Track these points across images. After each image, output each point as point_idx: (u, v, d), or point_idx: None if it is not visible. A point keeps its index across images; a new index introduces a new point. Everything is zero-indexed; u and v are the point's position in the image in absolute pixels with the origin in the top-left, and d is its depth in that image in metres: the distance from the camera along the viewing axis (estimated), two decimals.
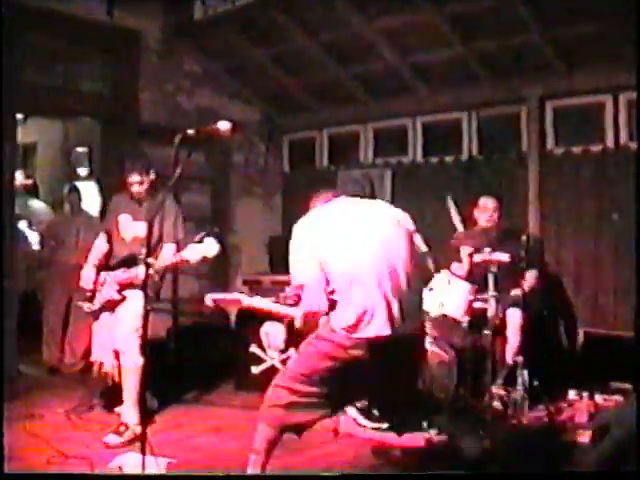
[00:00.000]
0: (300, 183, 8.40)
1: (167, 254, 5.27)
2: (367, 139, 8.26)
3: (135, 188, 5.49)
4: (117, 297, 5.38)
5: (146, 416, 4.76)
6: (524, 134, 7.03)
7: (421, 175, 7.79)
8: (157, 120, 7.63)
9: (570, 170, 6.75)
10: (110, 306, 5.43)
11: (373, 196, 4.29)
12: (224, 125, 3.80)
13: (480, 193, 6.51)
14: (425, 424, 5.26)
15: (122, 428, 5.12)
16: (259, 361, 6.63)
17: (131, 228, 5.55)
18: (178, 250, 5.16)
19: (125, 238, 5.56)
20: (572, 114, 6.81)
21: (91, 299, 5.52)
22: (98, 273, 5.55)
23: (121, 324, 5.32)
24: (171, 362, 6.60)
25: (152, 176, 5.51)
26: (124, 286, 5.36)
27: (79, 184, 8.09)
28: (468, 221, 6.41)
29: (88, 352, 5.71)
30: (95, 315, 5.55)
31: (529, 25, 6.17)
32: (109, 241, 5.66)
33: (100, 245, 5.71)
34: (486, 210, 6.29)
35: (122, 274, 5.37)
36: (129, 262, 5.36)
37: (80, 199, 7.70)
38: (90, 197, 8.49)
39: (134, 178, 5.47)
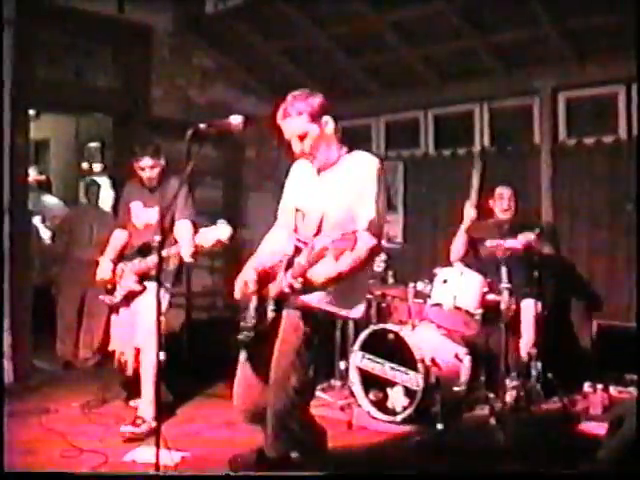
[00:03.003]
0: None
1: (186, 234, 5.22)
2: (379, 131, 8.25)
3: (147, 173, 5.46)
4: (137, 288, 5.37)
5: (162, 411, 4.76)
6: (536, 126, 7.01)
7: (433, 167, 7.77)
8: (169, 115, 7.64)
9: (583, 161, 6.73)
10: (130, 297, 5.43)
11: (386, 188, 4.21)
12: (236, 119, 3.79)
13: (493, 185, 6.51)
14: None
15: (139, 421, 5.12)
16: None
17: (144, 215, 5.53)
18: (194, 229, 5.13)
19: (138, 226, 5.56)
20: (585, 105, 6.78)
21: (111, 292, 5.50)
22: (115, 265, 5.52)
23: (141, 319, 5.29)
24: (185, 356, 6.60)
25: (162, 161, 5.48)
26: (142, 275, 5.35)
27: (96, 179, 8.15)
28: (483, 212, 6.41)
29: (103, 347, 5.71)
30: (116, 308, 5.54)
31: (541, 16, 6.14)
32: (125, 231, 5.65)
33: (119, 236, 5.68)
34: (502, 199, 6.29)
35: (139, 263, 5.36)
36: (144, 251, 5.34)
37: (99, 194, 7.75)
38: (103, 192, 8.52)
39: (146, 162, 5.42)
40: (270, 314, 3.74)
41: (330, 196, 3.76)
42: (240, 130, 3.82)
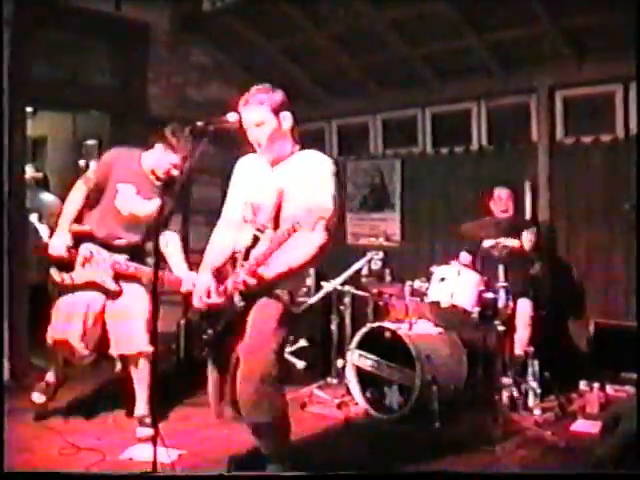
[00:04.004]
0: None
1: (174, 251, 5.11)
2: (377, 130, 8.23)
3: (173, 172, 5.01)
4: (114, 288, 5.07)
5: (158, 409, 4.76)
6: (534, 124, 7.00)
7: (431, 165, 7.77)
8: (166, 112, 7.63)
9: (580, 160, 6.72)
10: (90, 287, 5.09)
11: (383, 186, 4.33)
12: (233, 117, 3.81)
13: (490, 183, 6.52)
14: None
15: (147, 420, 5.03)
16: None
17: (133, 203, 5.09)
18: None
19: (121, 211, 5.09)
20: (582, 104, 6.77)
21: (65, 269, 5.08)
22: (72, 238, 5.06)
23: (129, 318, 5.08)
24: (182, 354, 6.60)
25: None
26: (121, 276, 5.06)
27: None
28: (481, 212, 6.42)
29: (100, 345, 5.68)
30: (69, 290, 5.12)
31: (539, 15, 6.14)
32: (92, 199, 5.12)
33: (77, 200, 5.12)
34: (500, 200, 6.32)
35: (126, 264, 5.06)
36: (134, 251, 5.12)
37: None
38: None
39: (173, 160, 4.99)
40: (239, 306, 3.76)
41: (285, 190, 3.83)
42: (237, 127, 3.82)
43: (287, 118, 3.94)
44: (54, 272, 5.15)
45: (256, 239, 3.80)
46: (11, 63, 6.49)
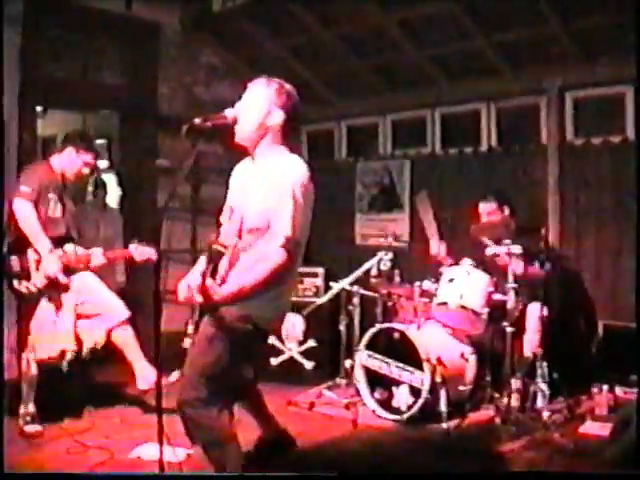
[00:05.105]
0: (318, 175, 8.35)
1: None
2: (386, 130, 8.23)
3: (84, 170, 5.62)
4: (64, 280, 5.28)
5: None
6: (543, 125, 6.98)
7: (440, 166, 7.75)
8: (175, 112, 7.64)
9: (590, 161, 6.70)
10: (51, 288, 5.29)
11: (392, 187, 4.22)
12: (231, 113, 3.75)
13: (499, 184, 6.51)
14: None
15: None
16: (278, 353, 6.65)
17: (57, 211, 5.44)
18: None
19: (53, 217, 5.40)
20: (592, 105, 6.76)
21: (24, 278, 5.24)
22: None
23: (92, 293, 5.43)
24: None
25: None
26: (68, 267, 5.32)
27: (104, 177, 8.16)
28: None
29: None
30: (35, 298, 5.32)
31: (548, 15, 6.12)
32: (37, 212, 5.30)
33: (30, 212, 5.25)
34: (483, 214, 6.31)
35: (71, 255, 5.35)
36: (63, 242, 5.39)
37: (105, 191, 7.76)
38: (110, 189, 8.53)
39: (86, 158, 5.58)
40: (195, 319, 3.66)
41: (250, 193, 3.67)
42: (236, 124, 3.76)
43: (276, 115, 3.72)
44: (17, 284, 5.25)
45: (219, 254, 3.60)
46: (21, 62, 6.51)
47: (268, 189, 3.58)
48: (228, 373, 3.65)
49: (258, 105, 3.72)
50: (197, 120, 3.66)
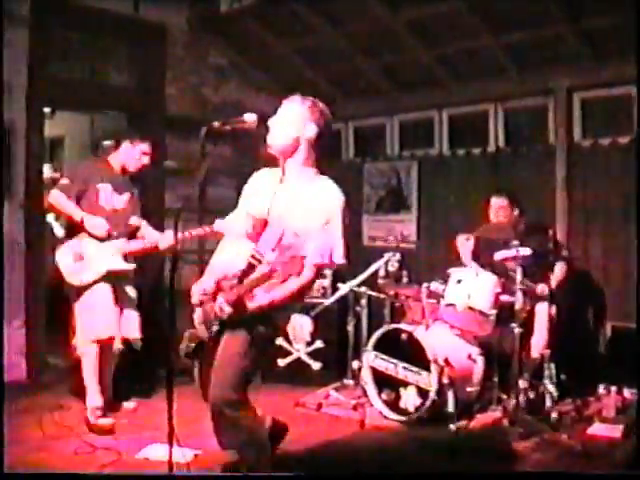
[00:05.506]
0: (326, 175, 8.34)
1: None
2: (393, 131, 8.23)
3: (141, 160, 5.69)
4: (128, 267, 5.50)
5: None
6: (551, 126, 6.98)
7: (448, 167, 7.75)
8: (183, 113, 7.65)
9: (598, 162, 6.69)
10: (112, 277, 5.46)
11: (400, 188, 4.28)
12: (250, 117, 3.77)
13: (507, 185, 6.50)
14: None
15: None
16: (285, 354, 6.65)
17: (113, 200, 5.58)
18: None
19: (106, 209, 5.53)
20: (600, 105, 6.75)
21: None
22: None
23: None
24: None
25: None
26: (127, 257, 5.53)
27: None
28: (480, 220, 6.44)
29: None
30: (79, 292, 5.49)
31: (556, 16, 6.11)
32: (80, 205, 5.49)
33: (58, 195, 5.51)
34: (493, 209, 6.33)
35: (132, 244, 5.52)
36: (129, 234, 5.59)
37: None
38: None
39: (144, 148, 5.67)
40: (213, 330, 3.74)
41: (294, 214, 3.71)
42: (255, 128, 3.80)
43: (310, 129, 3.77)
44: (69, 277, 5.49)
45: (251, 265, 3.68)
46: (29, 63, 6.52)
47: (310, 211, 3.68)
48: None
49: (293, 118, 3.78)
50: (216, 123, 3.70)
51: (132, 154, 5.67)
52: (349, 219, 3.78)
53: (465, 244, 6.36)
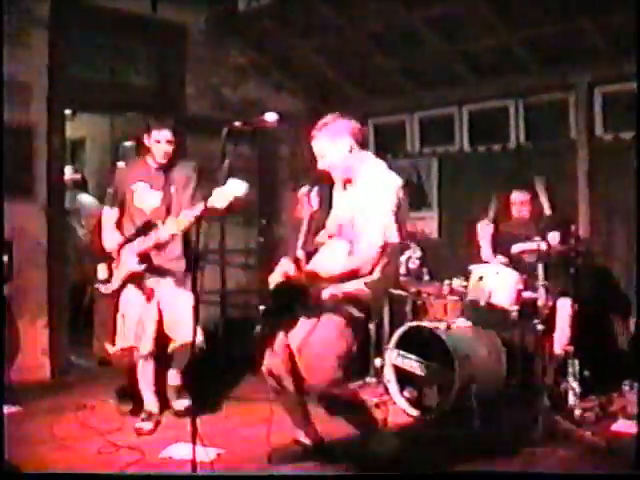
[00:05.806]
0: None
1: (186, 213, 5.02)
2: (413, 128, 8.21)
3: (163, 147, 5.31)
4: (139, 268, 5.21)
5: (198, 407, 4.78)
6: (572, 121, 6.94)
7: (468, 163, 7.72)
8: (203, 113, 7.67)
9: (620, 156, 6.64)
10: (134, 280, 5.32)
11: (420, 185, 4.51)
12: (271, 117, 3.79)
13: (528, 181, 6.46)
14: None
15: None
16: None
17: (149, 198, 5.38)
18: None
19: (143, 209, 5.38)
20: (621, 100, 6.70)
21: (107, 281, 5.34)
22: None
23: (171, 310, 5.37)
24: (220, 354, 6.62)
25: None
26: (144, 256, 5.22)
27: None
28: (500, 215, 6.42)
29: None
30: (114, 295, 5.40)
31: (577, 11, 6.08)
32: (121, 213, 5.45)
33: (111, 215, 5.47)
34: (515, 204, 6.31)
35: (141, 243, 5.22)
36: (145, 231, 5.27)
37: None
38: None
39: (165, 135, 5.31)
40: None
41: (355, 214, 4.17)
42: (275, 127, 3.81)
43: (346, 143, 4.20)
44: (99, 286, 5.42)
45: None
46: (49, 65, 6.56)
47: (368, 195, 4.11)
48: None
49: (340, 139, 4.18)
50: (237, 123, 3.74)
51: (156, 141, 5.33)
52: (404, 201, 4.09)
53: (485, 228, 6.36)
